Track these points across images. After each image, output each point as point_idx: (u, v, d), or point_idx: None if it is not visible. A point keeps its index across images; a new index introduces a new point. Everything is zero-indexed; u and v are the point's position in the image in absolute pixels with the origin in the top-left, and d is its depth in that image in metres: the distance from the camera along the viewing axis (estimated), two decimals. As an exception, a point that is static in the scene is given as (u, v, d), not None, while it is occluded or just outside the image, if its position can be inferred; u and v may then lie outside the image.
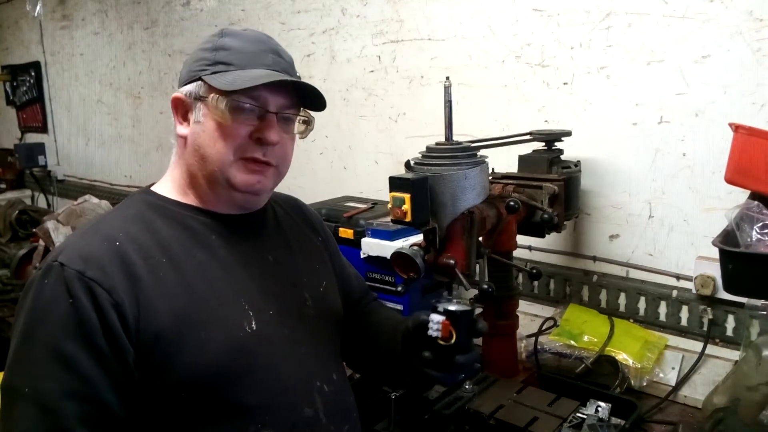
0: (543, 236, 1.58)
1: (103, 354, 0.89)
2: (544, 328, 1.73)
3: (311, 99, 1.06)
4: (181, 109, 1.05)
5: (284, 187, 1.15)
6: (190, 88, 1.03)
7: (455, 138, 1.34)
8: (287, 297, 1.10)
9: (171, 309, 0.93)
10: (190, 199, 1.06)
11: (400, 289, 1.35)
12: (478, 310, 1.02)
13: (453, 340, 1.01)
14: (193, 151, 1.03)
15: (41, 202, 4.48)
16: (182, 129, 1.05)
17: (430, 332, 1.01)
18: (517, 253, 1.58)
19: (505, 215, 1.39)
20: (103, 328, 0.88)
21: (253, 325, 1.00)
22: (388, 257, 1.43)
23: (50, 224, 2.47)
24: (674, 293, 1.66)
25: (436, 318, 1.01)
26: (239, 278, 1.04)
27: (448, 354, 1.02)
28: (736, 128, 1.23)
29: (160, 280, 0.94)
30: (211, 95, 1.00)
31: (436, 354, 1.03)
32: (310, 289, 1.16)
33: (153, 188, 1.09)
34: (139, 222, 1.00)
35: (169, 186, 1.08)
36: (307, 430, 1.03)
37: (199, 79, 1.01)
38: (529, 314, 1.91)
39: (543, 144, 1.66)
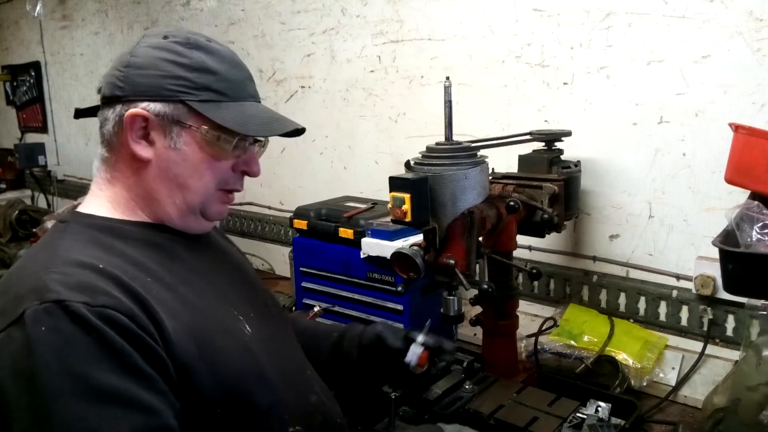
0: (543, 236, 1.58)
1: (152, 378, 0.80)
2: (544, 328, 1.73)
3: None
4: (140, 126, 0.93)
5: (284, 188, 1.15)
6: (161, 108, 0.93)
7: (455, 138, 1.34)
8: (255, 299, 1.12)
9: (181, 327, 0.87)
10: (140, 217, 0.98)
11: (400, 289, 1.36)
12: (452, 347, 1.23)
13: (423, 370, 1.16)
14: (163, 178, 0.95)
15: (41, 202, 4.48)
16: (142, 150, 0.94)
17: (407, 359, 1.14)
18: (517, 253, 1.58)
19: (505, 215, 1.39)
20: (139, 352, 0.79)
21: (248, 328, 1.00)
22: (388, 257, 1.43)
23: (50, 224, 2.47)
24: (674, 293, 1.66)
25: (417, 350, 1.15)
26: (218, 286, 1.02)
27: (414, 380, 1.17)
28: (736, 128, 1.23)
29: (160, 300, 0.87)
30: (202, 127, 0.94)
31: (402, 375, 1.17)
32: (263, 290, 1.19)
33: (82, 210, 0.98)
34: (98, 246, 0.89)
35: (107, 206, 0.97)
36: (318, 415, 1.06)
37: (180, 101, 0.93)
38: (529, 314, 1.91)
39: (543, 144, 1.66)
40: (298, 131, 1.03)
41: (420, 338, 1.16)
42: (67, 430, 0.73)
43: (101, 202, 0.98)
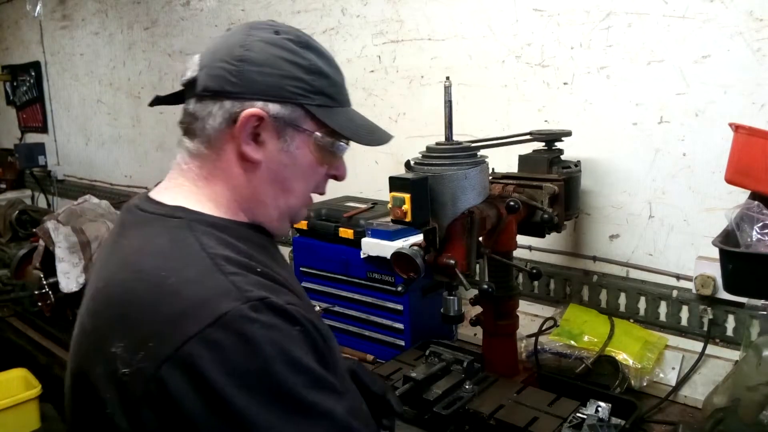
0: (543, 236, 1.58)
1: (332, 367, 0.83)
2: (544, 328, 1.73)
3: None
4: (252, 126, 0.89)
5: (284, 187, 1.15)
6: (278, 109, 0.89)
7: (455, 138, 1.34)
8: None
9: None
10: (240, 218, 0.94)
11: (400, 289, 1.36)
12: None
13: None
14: (272, 181, 0.93)
15: (41, 202, 4.48)
16: (253, 151, 0.90)
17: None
18: (517, 253, 1.58)
19: (505, 215, 1.39)
20: (322, 345, 0.82)
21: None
22: (388, 257, 1.43)
23: (50, 224, 2.47)
24: (674, 293, 1.66)
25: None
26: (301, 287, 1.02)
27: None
28: (736, 128, 1.23)
29: (297, 301, 0.85)
30: (316, 132, 0.93)
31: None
32: None
33: (185, 206, 0.90)
34: (229, 247, 0.85)
35: (208, 204, 0.92)
36: None
37: (298, 104, 0.90)
38: (529, 314, 1.91)
39: (543, 144, 1.66)
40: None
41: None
42: (317, 418, 0.74)
43: (200, 199, 0.92)
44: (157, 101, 1.00)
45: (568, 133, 1.66)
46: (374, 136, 1.00)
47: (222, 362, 0.70)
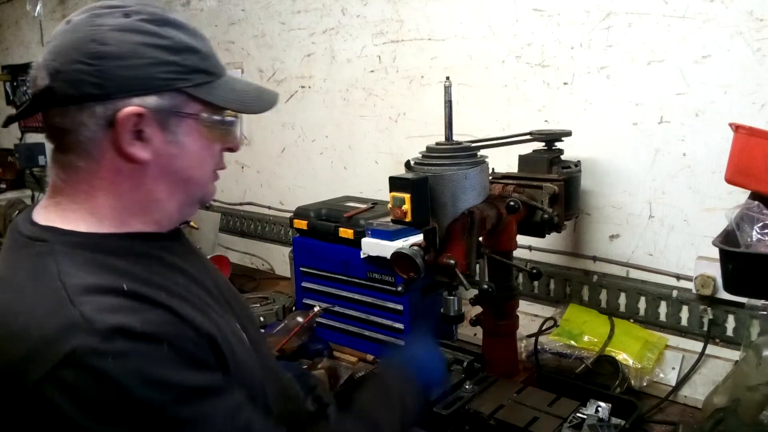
0: (543, 236, 1.58)
1: (218, 369, 0.81)
2: (544, 328, 1.73)
3: None
4: (132, 125, 0.82)
5: (284, 188, 1.15)
6: (158, 101, 0.82)
7: (455, 138, 1.34)
8: (239, 303, 1.06)
9: (217, 334, 0.84)
10: (130, 227, 0.88)
11: (400, 289, 1.36)
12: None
13: None
14: (164, 176, 0.87)
15: (41, 202, 4.48)
16: (139, 151, 0.83)
17: None
18: (517, 253, 1.58)
19: (505, 215, 1.39)
20: (201, 353, 0.80)
21: (246, 340, 0.96)
22: (388, 257, 1.43)
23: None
24: (674, 293, 1.66)
25: None
26: (214, 294, 0.96)
27: None
28: (736, 128, 1.23)
29: (187, 312, 0.81)
30: (202, 114, 0.87)
31: None
32: (237, 291, 1.12)
33: (58, 226, 0.84)
34: (99, 268, 0.79)
35: (88, 220, 0.85)
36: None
37: (175, 90, 0.84)
38: (529, 314, 1.91)
39: (543, 144, 1.66)
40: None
41: None
42: (197, 429, 0.73)
43: (78, 215, 0.85)
44: (11, 120, 0.91)
45: (568, 133, 1.66)
46: (262, 101, 0.94)
47: (77, 401, 0.67)
